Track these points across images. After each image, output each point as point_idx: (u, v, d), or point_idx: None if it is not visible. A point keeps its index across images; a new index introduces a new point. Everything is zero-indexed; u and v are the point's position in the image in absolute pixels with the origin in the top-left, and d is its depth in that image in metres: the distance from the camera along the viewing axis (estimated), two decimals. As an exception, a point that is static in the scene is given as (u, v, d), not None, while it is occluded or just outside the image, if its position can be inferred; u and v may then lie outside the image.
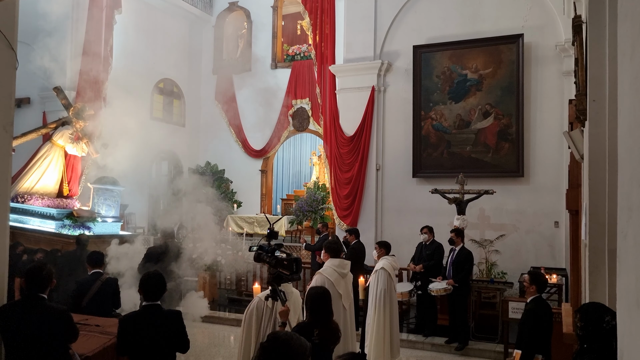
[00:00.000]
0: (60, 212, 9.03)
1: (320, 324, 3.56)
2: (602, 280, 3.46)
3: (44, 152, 9.52)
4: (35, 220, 9.07)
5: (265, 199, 14.43)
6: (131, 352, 3.66)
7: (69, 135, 9.53)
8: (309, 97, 13.41)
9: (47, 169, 9.51)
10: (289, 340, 2.30)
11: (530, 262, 9.62)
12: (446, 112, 10.70)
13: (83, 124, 9.57)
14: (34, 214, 9.13)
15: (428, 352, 7.67)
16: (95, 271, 5.39)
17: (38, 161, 9.45)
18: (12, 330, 3.43)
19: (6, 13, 3.46)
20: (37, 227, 8.99)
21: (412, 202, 10.89)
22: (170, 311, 3.79)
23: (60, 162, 9.64)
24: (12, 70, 3.52)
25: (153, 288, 3.71)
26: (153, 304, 3.69)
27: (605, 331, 2.43)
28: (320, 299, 3.72)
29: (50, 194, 9.53)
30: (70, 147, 9.59)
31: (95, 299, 5.20)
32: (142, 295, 3.76)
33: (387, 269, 6.30)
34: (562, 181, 9.39)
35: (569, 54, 9.45)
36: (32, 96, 11.50)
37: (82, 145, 9.64)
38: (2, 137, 3.45)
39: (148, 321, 3.63)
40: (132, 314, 3.82)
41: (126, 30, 11.95)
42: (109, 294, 5.31)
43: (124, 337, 3.66)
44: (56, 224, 8.88)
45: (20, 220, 9.02)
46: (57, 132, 9.58)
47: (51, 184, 9.59)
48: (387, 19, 11.35)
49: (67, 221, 8.84)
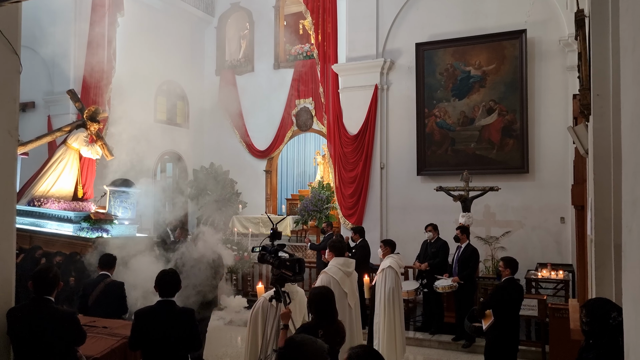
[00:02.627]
0: (78, 214, 9.06)
1: (324, 325, 3.55)
2: (608, 275, 3.44)
3: (59, 155, 9.51)
4: (53, 224, 9.05)
5: (270, 199, 14.44)
6: (143, 347, 3.70)
7: (84, 138, 9.56)
8: (312, 96, 13.41)
9: (63, 172, 9.51)
10: (305, 345, 2.30)
11: (536, 258, 9.58)
12: (450, 109, 10.67)
13: (97, 126, 9.61)
14: (51, 217, 9.12)
15: (435, 349, 7.66)
16: (102, 273, 5.42)
17: (53, 165, 9.45)
18: (20, 333, 3.46)
19: (9, 17, 3.48)
20: (55, 230, 8.96)
21: (416, 200, 10.87)
22: (184, 309, 3.87)
23: (76, 165, 9.68)
24: (16, 75, 3.54)
25: (167, 285, 3.81)
26: (167, 300, 3.79)
27: (612, 327, 2.42)
28: (324, 300, 3.69)
29: (66, 197, 9.57)
30: (85, 149, 9.63)
31: (98, 300, 5.22)
32: (158, 292, 3.84)
33: (394, 267, 6.30)
34: (567, 177, 9.34)
35: (572, 49, 9.40)
36: (36, 100, 11.57)
37: (96, 148, 9.69)
38: (7, 141, 3.47)
39: (161, 316, 3.72)
40: (146, 308, 3.91)
41: (129, 33, 11.99)
42: (112, 297, 5.27)
43: (137, 332, 3.71)
44: (74, 227, 8.86)
45: (38, 224, 9.04)
46: (71, 135, 9.61)
47: (67, 187, 9.62)
48: (389, 17, 11.33)
49: (84, 224, 8.86)
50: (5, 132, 3.44)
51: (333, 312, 3.71)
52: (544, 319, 6.71)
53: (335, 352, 3.73)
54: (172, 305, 3.79)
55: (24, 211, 8.90)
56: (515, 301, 5.27)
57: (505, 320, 5.19)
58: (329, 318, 3.64)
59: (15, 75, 3.54)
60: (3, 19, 3.42)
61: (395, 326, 6.20)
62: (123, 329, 4.50)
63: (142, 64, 12.43)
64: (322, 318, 3.60)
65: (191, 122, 14.80)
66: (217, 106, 14.65)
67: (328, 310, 3.67)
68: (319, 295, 3.74)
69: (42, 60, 11.39)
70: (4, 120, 3.44)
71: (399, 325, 6.28)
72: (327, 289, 3.95)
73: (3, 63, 3.44)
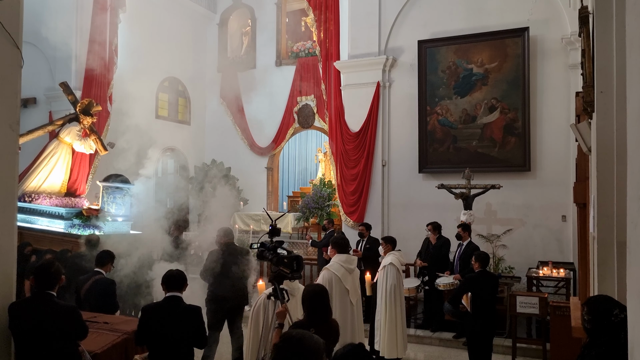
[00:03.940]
0: (69, 211, 8.92)
1: (318, 323, 3.52)
2: (610, 273, 3.43)
3: (51, 150, 9.30)
4: (44, 220, 8.88)
5: (272, 196, 14.45)
6: (149, 342, 3.70)
7: (77, 132, 9.37)
8: (313, 94, 13.40)
9: (55, 167, 9.29)
10: (302, 339, 2.29)
11: (537, 256, 9.57)
12: (452, 107, 10.65)
13: (91, 120, 9.44)
14: (42, 213, 8.96)
15: (436, 347, 7.66)
16: (96, 270, 5.38)
17: (45, 159, 9.22)
18: (22, 328, 3.46)
19: (11, 12, 3.47)
20: (46, 227, 8.80)
21: (418, 198, 10.86)
22: (191, 306, 3.88)
23: (68, 160, 9.50)
24: (17, 69, 3.53)
25: (173, 280, 3.84)
26: (174, 296, 3.81)
27: (614, 324, 2.41)
28: (317, 297, 3.64)
29: (57, 192, 9.41)
30: (78, 144, 9.43)
31: (86, 296, 5.19)
32: (164, 288, 3.87)
33: (396, 264, 6.29)
34: (569, 175, 9.33)
35: (575, 47, 9.37)
36: (38, 96, 11.55)
37: (90, 142, 9.53)
38: (9, 136, 3.46)
39: (167, 312, 3.74)
40: (153, 304, 3.94)
41: (131, 29, 11.97)
42: (99, 293, 5.17)
43: (143, 326, 3.72)
44: (65, 224, 8.71)
45: (28, 220, 8.82)
46: (64, 129, 9.37)
47: (59, 182, 9.42)
48: (391, 14, 11.30)
49: (76, 220, 8.73)
50: (6, 127, 3.43)
51: (327, 311, 3.68)
52: (545, 316, 6.71)
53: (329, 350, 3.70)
54: (178, 302, 3.80)
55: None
56: (489, 292, 5.78)
57: (480, 311, 5.71)
58: (323, 316, 3.61)
59: (17, 69, 3.53)
60: (4, 12, 3.41)
61: (396, 323, 6.20)
62: (124, 325, 4.51)
63: (143, 60, 12.42)
64: (315, 316, 3.57)
65: (193, 118, 14.80)
66: (218, 103, 14.65)
67: (321, 308, 3.63)
68: (313, 292, 3.71)
69: (44, 56, 11.38)
70: (6, 115, 3.43)
71: (401, 322, 6.28)
72: (321, 286, 3.91)
73: (5, 57, 3.43)
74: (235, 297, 5.83)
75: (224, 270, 5.72)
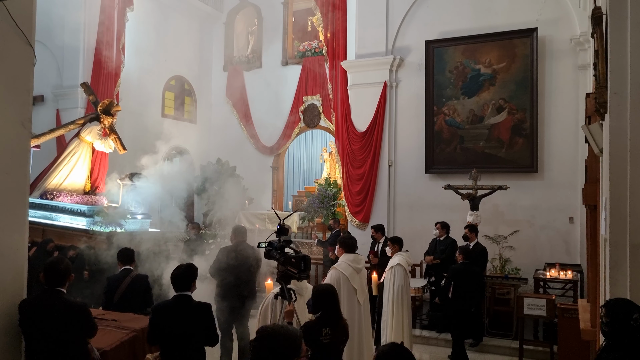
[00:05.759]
0: (91, 208, 9.05)
1: (328, 323, 3.50)
2: (623, 276, 3.40)
3: (72, 149, 9.53)
4: (66, 217, 9.06)
5: (277, 196, 14.44)
6: (161, 341, 3.69)
7: (97, 131, 9.55)
8: (319, 93, 13.38)
9: (76, 165, 9.53)
10: (278, 332, 2.30)
11: (544, 258, 9.53)
12: (459, 107, 10.62)
13: (111, 119, 9.59)
14: (64, 210, 9.14)
15: (442, 348, 7.64)
16: (125, 268, 5.39)
17: (66, 158, 9.46)
18: (32, 324, 3.46)
19: (24, 10, 3.48)
20: (68, 223, 8.96)
21: (424, 198, 10.83)
22: (201, 303, 3.85)
23: (88, 159, 9.68)
24: (30, 66, 3.54)
25: (181, 278, 3.81)
26: (183, 295, 3.78)
27: (632, 328, 2.38)
28: (327, 297, 3.62)
29: (78, 190, 9.57)
30: (98, 143, 9.62)
31: (125, 296, 5.20)
32: (173, 286, 3.84)
33: (403, 265, 6.27)
34: (577, 176, 9.28)
35: (584, 48, 9.32)
36: (45, 94, 11.59)
37: (109, 141, 9.68)
38: (21, 133, 3.47)
39: (177, 311, 3.71)
40: (163, 303, 3.92)
41: (138, 28, 11.99)
42: (139, 291, 5.26)
43: (153, 326, 3.71)
44: (87, 221, 8.87)
45: (51, 217, 9.03)
46: (85, 128, 9.60)
47: (80, 180, 9.63)
48: (399, 14, 11.27)
49: (98, 218, 8.84)
50: (18, 124, 3.44)
51: (337, 310, 3.66)
52: (552, 318, 6.68)
53: (339, 351, 3.67)
54: (188, 300, 3.78)
55: (36, 204, 8.90)
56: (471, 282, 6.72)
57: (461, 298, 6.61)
58: (333, 316, 3.59)
59: (30, 67, 3.54)
60: (17, 10, 3.42)
61: (403, 324, 6.19)
62: (132, 322, 4.50)
63: (150, 59, 12.45)
64: (325, 316, 3.55)
65: (199, 117, 14.82)
66: (224, 102, 14.66)
67: (332, 308, 3.61)
68: (323, 292, 3.68)
69: (52, 54, 11.42)
70: (18, 112, 3.44)
71: (407, 323, 6.26)
72: (330, 286, 3.88)
73: (18, 54, 3.44)
74: (243, 295, 5.83)
75: (233, 268, 5.72)
